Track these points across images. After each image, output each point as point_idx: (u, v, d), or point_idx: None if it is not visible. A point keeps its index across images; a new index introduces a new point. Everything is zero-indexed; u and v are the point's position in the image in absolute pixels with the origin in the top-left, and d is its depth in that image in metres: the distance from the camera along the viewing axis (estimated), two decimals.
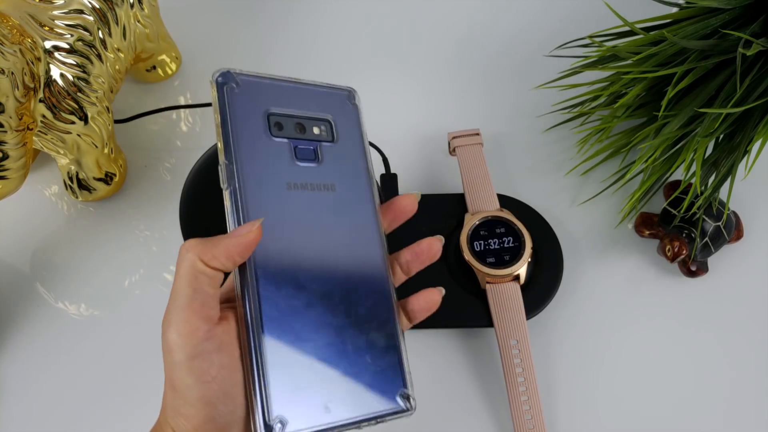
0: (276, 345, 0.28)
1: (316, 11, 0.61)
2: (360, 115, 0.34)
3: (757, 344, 0.45)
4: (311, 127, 0.32)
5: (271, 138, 0.31)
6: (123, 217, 0.50)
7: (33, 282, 0.48)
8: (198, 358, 0.26)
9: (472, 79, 0.57)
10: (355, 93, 0.34)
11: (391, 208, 0.33)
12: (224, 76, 0.30)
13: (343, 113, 0.33)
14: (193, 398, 0.26)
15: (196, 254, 0.27)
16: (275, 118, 0.31)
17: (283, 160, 0.31)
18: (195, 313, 0.27)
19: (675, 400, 0.43)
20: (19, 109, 0.39)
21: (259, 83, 0.31)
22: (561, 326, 0.46)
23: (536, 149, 0.53)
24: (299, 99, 0.32)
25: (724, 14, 0.44)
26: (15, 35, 0.39)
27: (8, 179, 0.40)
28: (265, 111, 0.31)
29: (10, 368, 0.45)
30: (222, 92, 0.30)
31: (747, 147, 0.43)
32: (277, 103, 0.31)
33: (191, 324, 0.26)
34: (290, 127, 0.31)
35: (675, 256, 0.46)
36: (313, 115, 0.32)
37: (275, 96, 0.31)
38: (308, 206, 0.30)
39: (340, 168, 0.32)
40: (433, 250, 0.32)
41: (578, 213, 0.50)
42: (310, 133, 0.32)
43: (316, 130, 0.32)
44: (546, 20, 0.59)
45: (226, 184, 0.29)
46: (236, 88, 0.30)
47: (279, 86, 0.32)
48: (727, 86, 0.43)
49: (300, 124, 0.32)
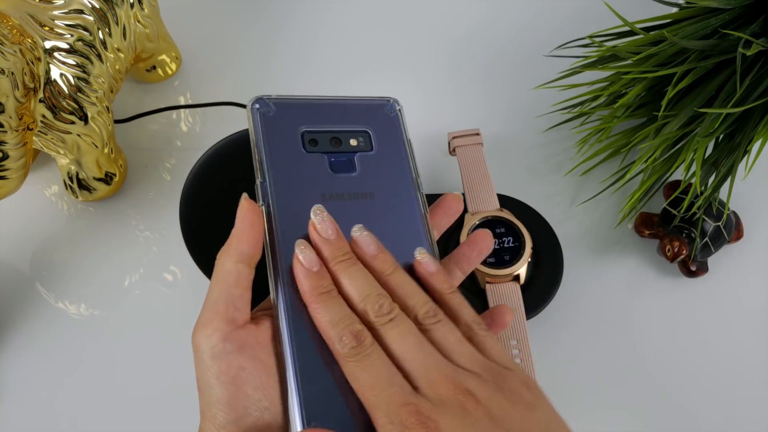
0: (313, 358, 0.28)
1: (317, 11, 0.61)
2: (402, 122, 0.35)
3: (758, 344, 0.45)
4: (348, 140, 0.33)
5: (306, 153, 0.32)
6: (123, 217, 0.50)
7: (33, 282, 0.48)
8: (216, 358, 0.26)
9: (472, 79, 0.57)
10: (396, 102, 0.35)
11: (440, 206, 0.33)
12: (259, 103, 0.32)
13: (381, 123, 0.34)
14: (214, 399, 0.26)
15: (220, 254, 0.29)
16: (309, 135, 0.32)
17: (318, 173, 0.31)
18: (218, 314, 0.27)
19: (675, 400, 0.43)
20: (19, 109, 0.39)
21: (293, 104, 0.32)
22: (561, 326, 0.46)
23: (536, 149, 0.53)
24: (335, 114, 0.33)
25: (724, 14, 0.44)
26: (15, 35, 0.39)
27: (8, 179, 0.40)
28: (299, 129, 0.32)
29: (9, 368, 0.45)
30: (256, 117, 0.31)
31: (747, 147, 0.43)
32: (313, 121, 0.32)
33: (213, 324, 0.27)
34: (325, 141, 0.32)
35: (675, 256, 0.46)
36: (349, 128, 0.33)
37: (310, 114, 0.33)
38: (345, 215, 0.31)
39: (378, 176, 0.33)
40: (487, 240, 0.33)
41: (578, 213, 0.50)
42: (347, 145, 0.33)
43: (353, 142, 0.33)
44: (546, 20, 0.59)
45: (261, 201, 0.30)
46: (270, 112, 0.32)
47: (314, 105, 0.33)
48: (727, 86, 0.43)
49: (335, 137, 0.33)
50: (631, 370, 0.44)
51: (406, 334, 0.27)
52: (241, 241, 0.28)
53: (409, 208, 0.32)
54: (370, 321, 0.27)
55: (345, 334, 0.27)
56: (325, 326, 0.27)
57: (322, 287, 0.28)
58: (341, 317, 0.27)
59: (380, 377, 0.26)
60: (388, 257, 0.29)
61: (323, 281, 0.28)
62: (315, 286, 0.28)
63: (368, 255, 0.29)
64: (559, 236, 0.47)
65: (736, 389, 0.44)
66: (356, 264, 0.29)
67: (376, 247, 0.29)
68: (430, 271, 0.30)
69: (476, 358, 0.27)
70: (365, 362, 0.26)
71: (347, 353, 0.26)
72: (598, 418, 0.43)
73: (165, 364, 0.45)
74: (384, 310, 0.27)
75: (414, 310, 0.28)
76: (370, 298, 0.28)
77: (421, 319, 0.28)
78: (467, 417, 0.25)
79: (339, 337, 0.27)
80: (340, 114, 0.33)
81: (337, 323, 0.27)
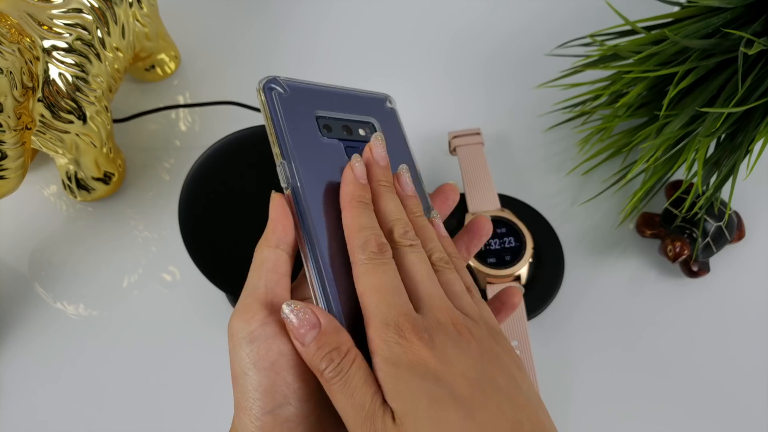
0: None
1: (317, 11, 0.61)
2: (398, 117, 0.36)
3: (759, 344, 0.45)
4: (357, 129, 0.33)
5: (323, 138, 0.31)
6: (122, 217, 0.50)
7: (31, 282, 0.48)
8: (255, 342, 0.26)
9: (472, 78, 0.56)
10: (391, 98, 0.36)
11: (440, 194, 0.35)
12: (272, 82, 0.31)
13: (383, 116, 0.35)
14: (251, 387, 0.26)
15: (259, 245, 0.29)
16: (324, 121, 0.32)
17: (336, 158, 0.31)
18: (257, 300, 0.27)
19: (676, 400, 0.43)
20: (18, 109, 0.39)
21: (303, 88, 0.32)
22: (562, 326, 0.45)
23: (537, 149, 0.53)
24: (342, 103, 0.33)
25: (725, 13, 0.44)
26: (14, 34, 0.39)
27: (7, 179, 0.40)
28: (314, 114, 0.32)
29: (8, 368, 0.45)
30: (271, 97, 0.31)
31: (749, 147, 0.43)
32: (323, 107, 0.32)
33: (252, 309, 0.27)
34: (338, 128, 0.32)
35: (676, 257, 0.45)
36: (357, 118, 0.34)
37: (320, 100, 0.33)
38: None
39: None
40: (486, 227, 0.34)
41: (579, 213, 0.50)
42: (357, 134, 0.33)
43: (362, 132, 0.33)
44: (547, 19, 0.59)
45: (285, 182, 0.30)
46: (284, 93, 0.31)
47: (322, 91, 0.33)
48: (728, 86, 0.43)
49: (346, 126, 0.33)
50: (632, 370, 0.44)
51: (421, 262, 0.28)
52: (277, 227, 0.29)
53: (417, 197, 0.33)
54: (394, 240, 0.29)
55: (370, 240, 0.28)
56: (354, 229, 0.28)
57: (362, 197, 0.29)
58: (371, 226, 0.28)
59: (389, 286, 0.27)
60: (419, 203, 0.31)
61: (365, 193, 0.29)
62: (356, 194, 0.29)
63: (404, 193, 0.31)
64: (560, 236, 0.47)
65: (737, 389, 0.43)
66: (394, 193, 0.31)
67: (412, 190, 0.32)
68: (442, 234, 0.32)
69: (475, 309, 0.28)
70: (380, 269, 0.27)
71: (366, 257, 0.27)
72: (599, 417, 0.43)
73: (164, 364, 0.45)
74: (409, 236, 0.29)
75: (430, 252, 0.29)
76: (399, 222, 0.29)
77: (434, 261, 0.29)
78: (460, 341, 0.26)
79: (364, 241, 0.28)
80: (346, 103, 0.34)
81: (366, 229, 0.28)
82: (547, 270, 0.45)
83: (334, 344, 0.26)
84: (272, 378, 0.25)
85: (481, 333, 0.27)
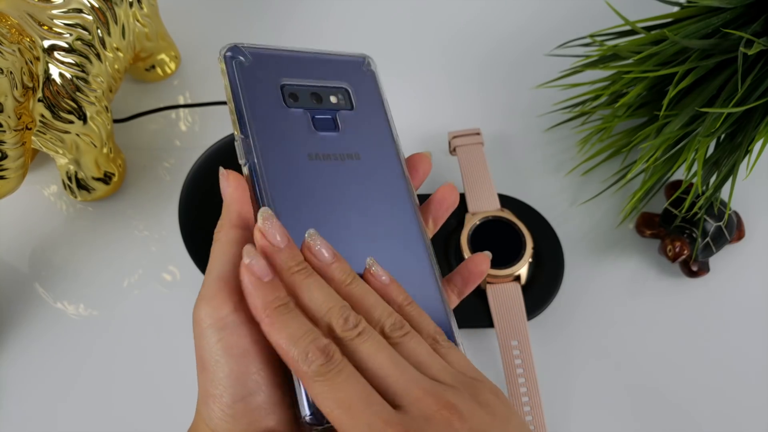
0: None
1: (316, 11, 0.61)
2: (378, 80, 0.33)
3: (759, 344, 0.45)
4: (328, 96, 0.31)
5: (287, 109, 0.30)
6: (122, 218, 0.50)
7: (32, 282, 0.48)
8: (226, 329, 0.25)
9: (472, 78, 0.56)
10: (370, 59, 0.33)
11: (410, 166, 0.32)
12: (233, 51, 0.29)
13: (359, 80, 0.32)
14: (222, 374, 0.24)
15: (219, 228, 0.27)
16: (290, 89, 0.30)
17: (301, 130, 0.30)
18: (227, 285, 0.25)
19: (676, 400, 0.43)
20: (18, 109, 0.39)
21: (270, 55, 0.30)
22: (562, 327, 0.45)
23: (537, 149, 0.53)
24: (313, 69, 0.31)
25: (725, 13, 0.44)
26: (14, 34, 0.39)
27: (7, 179, 0.40)
28: (279, 82, 0.30)
29: (9, 368, 0.45)
30: (231, 66, 0.29)
31: (748, 147, 0.43)
32: (291, 74, 0.30)
33: (221, 295, 0.25)
34: (306, 97, 0.30)
35: (676, 257, 0.45)
36: (329, 84, 0.31)
37: (288, 67, 0.30)
38: (333, 176, 0.29)
39: (362, 136, 0.31)
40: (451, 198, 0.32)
41: (579, 213, 0.50)
42: (328, 102, 0.31)
43: (334, 99, 0.31)
44: (546, 19, 0.59)
45: (243, 159, 0.28)
46: (246, 62, 0.29)
47: (291, 57, 0.31)
48: (728, 86, 0.43)
49: (316, 93, 0.31)
50: (632, 370, 0.44)
51: (378, 349, 0.24)
52: (240, 206, 0.27)
53: (393, 171, 0.31)
54: (337, 337, 0.24)
55: (311, 349, 0.23)
56: (285, 344, 0.24)
57: (278, 300, 0.25)
58: (304, 332, 0.24)
59: (357, 396, 0.23)
60: (345, 265, 0.27)
61: (278, 293, 0.25)
62: (269, 300, 0.24)
63: (324, 263, 0.26)
64: (560, 236, 0.47)
65: (737, 389, 0.43)
66: (313, 274, 0.26)
67: (331, 255, 0.27)
68: (384, 282, 0.28)
69: (448, 370, 0.26)
70: (337, 380, 0.23)
71: (315, 371, 0.23)
72: (599, 417, 0.43)
73: (164, 364, 0.45)
74: (350, 323, 0.25)
75: (380, 322, 0.26)
76: (334, 311, 0.25)
77: (388, 332, 0.26)
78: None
79: (304, 355, 0.23)
80: (317, 68, 0.31)
81: (300, 339, 0.24)
82: (546, 270, 0.45)
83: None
84: (245, 365, 0.25)
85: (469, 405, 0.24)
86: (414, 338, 0.26)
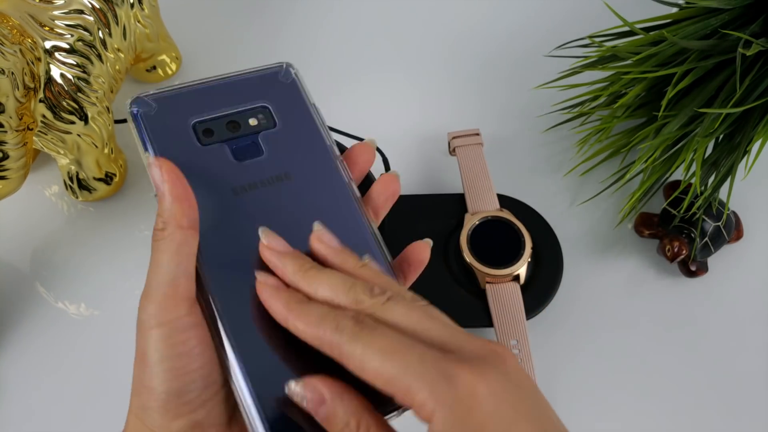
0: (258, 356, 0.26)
1: (316, 12, 0.61)
2: (301, 87, 0.31)
3: (757, 344, 0.45)
4: (246, 120, 0.29)
5: (202, 147, 0.28)
6: (123, 218, 0.50)
7: (33, 282, 0.48)
8: (176, 331, 0.25)
9: (471, 79, 0.57)
10: (290, 66, 0.31)
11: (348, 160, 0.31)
12: (137, 104, 0.28)
13: (280, 94, 0.30)
14: (160, 369, 0.25)
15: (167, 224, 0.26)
16: (202, 126, 0.29)
17: (221, 166, 0.28)
18: (177, 289, 0.26)
19: (675, 400, 0.43)
20: (20, 109, 0.39)
21: (174, 96, 0.29)
22: (561, 326, 0.46)
23: (536, 149, 0.53)
24: (227, 95, 0.30)
25: (723, 14, 0.44)
26: (15, 35, 0.39)
27: (8, 179, 0.40)
28: (189, 122, 0.29)
29: (9, 368, 0.45)
30: (138, 121, 0.28)
31: (747, 147, 0.43)
32: (202, 109, 0.29)
33: (173, 298, 0.26)
34: (221, 128, 0.29)
35: (675, 256, 0.46)
36: (244, 107, 0.29)
37: (199, 102, 0.29)
38: (265, 205, 0.28)
39: (290, 153, 0.29)
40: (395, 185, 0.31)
41: (578, 213, 0.50)
42: (246, 127, 0.29)
43: (253, 122, 0.29)
44: (545, 20, 0.59)
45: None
46: (151, 111, 0.28)
47: (201, 90, 0.29)
48: (726, 86, 0.43)
49: (232, 121, 0.29)
50: (631, 369, 0.44)
51: (412, 308, 0.24)
52: (184, 204, 0.26)
53: (332, 182, 0.29)
54: (366, 306, 0.24)
55: (339, 319, 0.23)
56: (315, 325, 0.24)
57: (298, 297, 0.25)
58: (329, 310, 0.24)
59: (398, 340, 0.23)
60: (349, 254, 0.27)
61: (296, 294, 0.26)
62: (289, 298, 0.25)
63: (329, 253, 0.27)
64: (559, 236, 0.47)
65: (735, 389, 0.44)
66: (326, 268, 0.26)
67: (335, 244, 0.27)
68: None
69: None
70: (375, 333, 0.23)
71: (350, 331, 0.23)
72: (598, 417, 0.43)
73: None
74: (377, 290, 0.25)
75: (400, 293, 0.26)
76: (357, 285, 0.25)
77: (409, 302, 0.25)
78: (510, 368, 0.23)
79: (334, 325, 0.23)
80: (231, 94, 0.30)
81: (327, 315, 0.24)
82: (545, 270, 0.45)
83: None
84: (184, 364, 0.25)
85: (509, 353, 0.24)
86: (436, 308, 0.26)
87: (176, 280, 0.26)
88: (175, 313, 0.26)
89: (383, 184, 0.30)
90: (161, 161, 0.26)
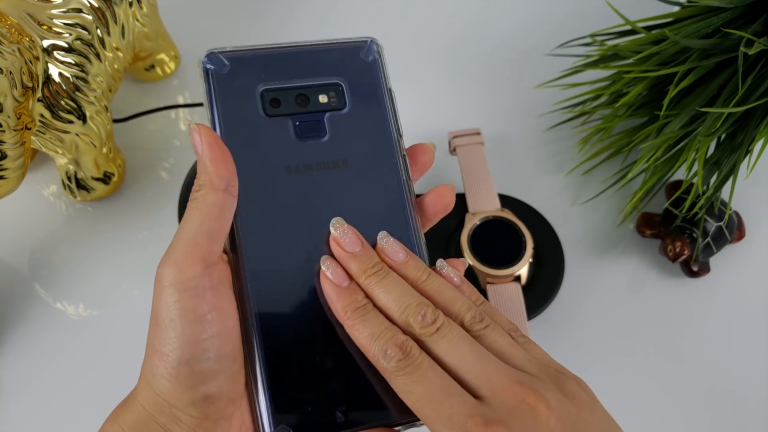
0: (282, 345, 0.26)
1: (317, 11, 0.60)
2: (382, 68, 0.30)
3: (759, 344, 0.45)
4: (316, 96, 0.28)
5: (266, 118, 0.27)
6: (122, 217, 0.50)
7: (31, 282, 0.48)
8: (188, 292, 0.25)
9: (472, 78, 0.56)
10: (375, 43, 0.30)
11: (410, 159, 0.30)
12: (210, 58, 0.28)
13: (357, 72, 0.29)
14: (174, 334, 0.25)
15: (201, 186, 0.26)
16: (271, 94, 0.28)
17: (281, 140, 0.27)
18: (198, 248, 0.25)
19: (676, 400, 0.43)
20: (18, 109, 0.39)
21: (251, 57, 0.28)
22: (562, 327, 0.45)
23: (537, 149, 0.53)
24: (302, 65, 0.28)
25: (725, 13, 0.44)
26: (13, 34, 0.39)
27: (6, 179, 0.40)
28: (259, 88, 0.28)
29: (8, 368, 0.45)
30: (208, 77, 0.27)
31: (749, 146, 0.43)
32: (275, 76, 0.28)
33: (192, 258, 0.25)
34: (290, 100, 0.28)
35: (677, 257, 0.45)
36: (318, 82, 0.28)
37: (272, 68, 0.28)
38: (314, 190, 0.27)
39: (353, 139, 0.28)
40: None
41: (579, 213, 0.50)
42: (315, 103, 0.28)
43: (323, 99, 0.28)
44: (547, 19, 0.59)
45: None
46: (224, 69, 0.27)
47: (277, 55, 0.28)
48: (728, 85, 0.43)
49: (302, 95, 0.28)
50: (633, 369, 0.44)
51: (458, 343, 0.25)
52: (219, 166, 0.26)
53: (390, 179, 0.28)
54: (415, 333, 0.25)
55: (389, 346, 0.25)
56: (366, 342, 0.25)
57: (357, 302, 0.26)
58: (382, 330, 0.25)
59: (437, 388, 0.24)
60: (419, 262, 0.28)
61: (357, 296, 0.26)
62: (349, 303, 0.26)
63: (397, 263, 0.27)
64: (561, 236, 0.46)
65: (738, 388, 0.43)
66: (390, 274, 0.27)
67: (405, 254, 0.27)
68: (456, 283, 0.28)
69: (532, 361, 0.26)
70: (416, 374, 0.24)
71: (395, 367, 0.24)
72: None
73: None
74: (428, 319, 0.25)
75: (459, 315, 0.26)
76: (411, 308, 0.26)
77: (468, 324, 0.26)
78: (538, 421, 0.23)
79: (383, 351, 0.25)
80: (307, 64, 0.28)
81: (379, 336, 0.25)
82: (547, 270, 0.45)
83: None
84: (198, 330, 0.25)
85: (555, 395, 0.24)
86: (495, 330, 0.26)
87: (196, 239, 0.26)
88: (190, 272, 0.25)
89: (438, 195, 0.30)
90: (200, 127, 0.26)
